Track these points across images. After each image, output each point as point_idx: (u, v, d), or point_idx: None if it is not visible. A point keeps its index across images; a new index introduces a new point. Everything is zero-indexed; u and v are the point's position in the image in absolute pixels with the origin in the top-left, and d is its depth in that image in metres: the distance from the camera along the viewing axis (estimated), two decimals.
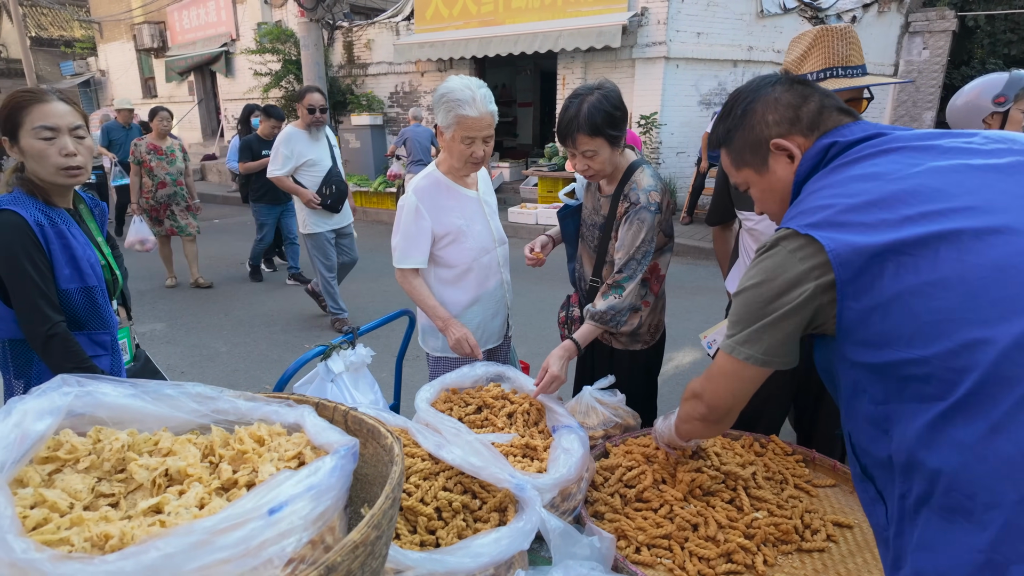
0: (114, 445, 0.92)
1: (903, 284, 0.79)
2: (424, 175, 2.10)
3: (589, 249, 2.10)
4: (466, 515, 1.26)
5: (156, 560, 0.63)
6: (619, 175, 1.97)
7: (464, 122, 1.91)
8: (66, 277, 1.61)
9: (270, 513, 0.71)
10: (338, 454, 0.81)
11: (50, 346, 1.57)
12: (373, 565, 0.75)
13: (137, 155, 5.73)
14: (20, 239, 1.53)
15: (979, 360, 0.73)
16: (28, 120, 1.55)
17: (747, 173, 1.12)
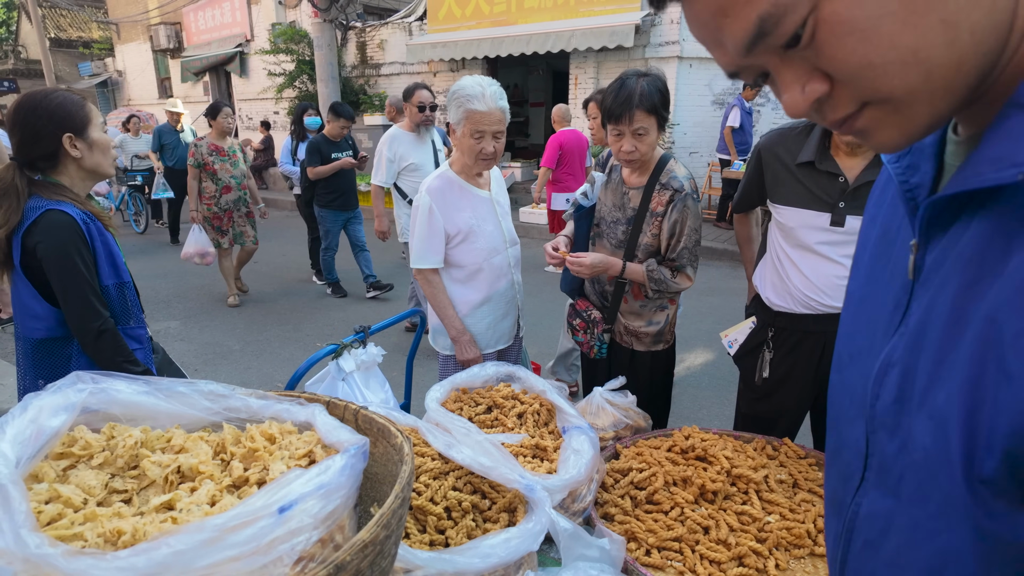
0: (127, 442, 0.93)
1: None
2: (437, 175, 2.12)
3: (609, 246, 2.10)
4: (475, 515, 1.25)
5: (167, 557, 0.64)
6: (652, 165, 2.01)
7: (473, 116, 1.94)
8: (106, 274, 1.70)
9: (280, 511, 0.71)
10: (348, 453, 0.81)
11: (102, 341, 1.63)
12: (382, 564, 0.75)
13: (198, 157, 5.15)
14: (73, 237, 1.60)
15: None
16: (94, 115, 1.68)
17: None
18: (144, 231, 9.42)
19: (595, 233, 2.17)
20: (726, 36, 0.47)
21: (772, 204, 1.88)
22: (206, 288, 6.11)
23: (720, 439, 1.63)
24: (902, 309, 0.54)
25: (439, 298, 2.08)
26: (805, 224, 1.76)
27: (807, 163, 1.74)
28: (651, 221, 2.01)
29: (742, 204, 2.10)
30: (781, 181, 1.81)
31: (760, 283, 1.96)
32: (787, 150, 1.80)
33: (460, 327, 2.09)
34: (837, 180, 1.71)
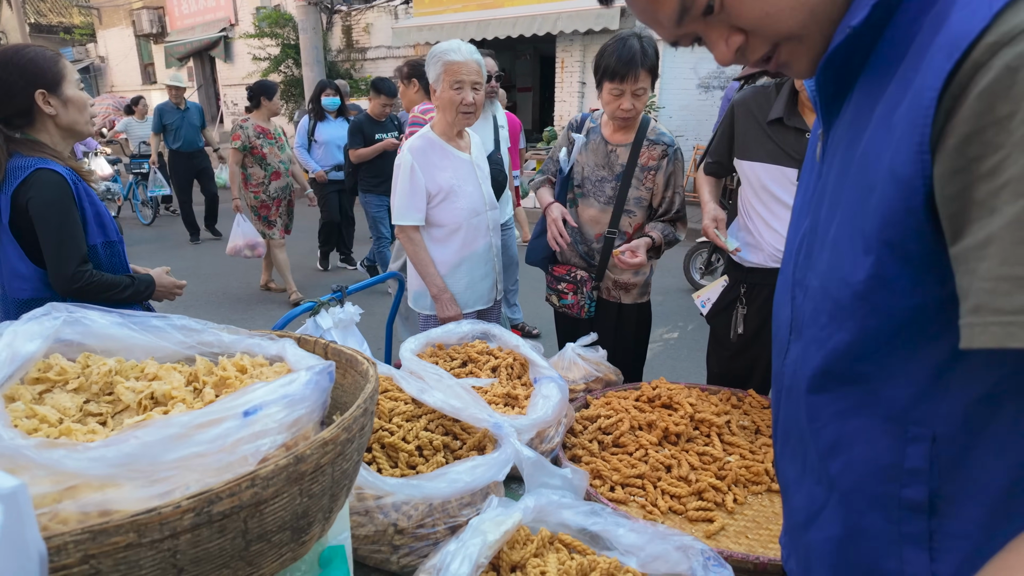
0: (102, 369, 0.96)
1: None
2: (419, 135, 2.18)
3: (598, 204, 2.16)
4: (446, 454, 1.30)
5: (136, 448, 0.68)
6: (637, 123, 2.11)
7: (451, 67, 2.01)
8: (93, 232, 1.70)
9: (245, 415, 0.75)
10: (313, 369, 0.85)
11: (87, 291, 1.65)
12: (344, 467, 0.79)
13: (244, 140, 4.62)
14: (64, 195, 1.61)
15: None
16: (69, 71, 1.64)
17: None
18: (151, 223, 8.88)
19: (577, 194, 2.22)
20: (660, 15, 0.61)
21: (741, 162, 1.94)
22: (189, 270, 6.11)
23: (686, 389, 1.68)
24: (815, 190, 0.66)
25: (420, 256, 2.14)
26: (774, 179, 1.82)
27: (776, 120, 1.80)
28: (642, 176, 2.10)
29: (712, 166, 2.15)
30: (752, 137, 1.87)
31: (736, 242, 2.02)
32: (759, 107, 1.86)
33: (441, 285, 2.15)
34: (804, 136, 1.77)
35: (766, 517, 1.27)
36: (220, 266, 6.29)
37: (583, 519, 1.09)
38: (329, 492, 0.77)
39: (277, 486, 0.67)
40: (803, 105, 1.79)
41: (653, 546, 1.02)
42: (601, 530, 1.08)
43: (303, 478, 0.71)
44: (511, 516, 1.02)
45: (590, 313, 2.24)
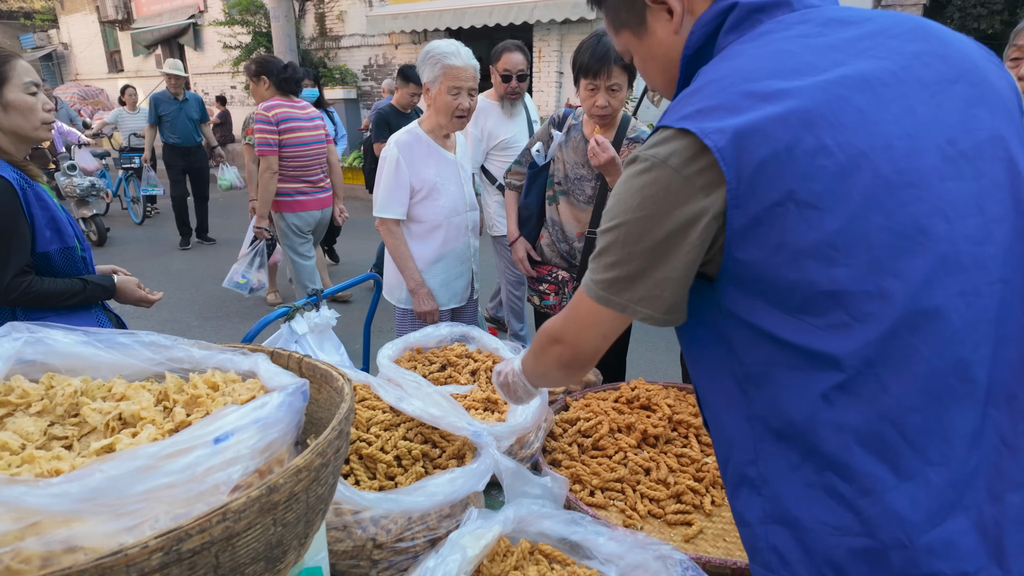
0: (66, 390, 0.93)
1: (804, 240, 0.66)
2: (406, 130, 2.16)
3: (578, 204, 2.15)
4: (425, 463, 1.29)
5: (101, 483, 0.65)
6: (617, 121, 2.09)
7: (451, 72, 1.99)
8: (47, 239, 1.60)
9: (216, 442, 0.73)
10: (286, 391, 0.83)
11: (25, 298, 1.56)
12: (319, 491, 0.78)
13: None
14: (10, 205, 1.50)
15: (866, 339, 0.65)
16: (15, 75, 1.54)
17: (625, 36, 0.90)
18: (143, 222, 8.35)
19: (558, 191, 2.21)
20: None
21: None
22: (182, 274, 5.96)
23: (664, 389, 1.70)
24: None
25: (400, 249, 2.14)
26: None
27: None
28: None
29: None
30: None
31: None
32: None
33: (419, 279, 2.15)
34: None
35: None
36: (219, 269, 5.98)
37: (563, 528, 1.10)
38: (304, 519, 0.76)
39: (249, 518, 0.66)
40: None
41: (633, 555, 1.02)
42: (581, 539, 1.08)
43: (276, 507, 0.70)
44: (491, 529, 1.02)
45: None
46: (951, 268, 0.65)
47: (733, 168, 0.67)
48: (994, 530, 0.66)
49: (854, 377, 0.67)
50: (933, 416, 0.66)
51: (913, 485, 0.66)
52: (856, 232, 0.65)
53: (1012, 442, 0.67)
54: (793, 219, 0.65)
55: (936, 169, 0.66)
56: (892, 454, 0.66)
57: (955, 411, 0.66)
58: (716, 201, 0.69)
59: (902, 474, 0.66)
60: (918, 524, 0.65)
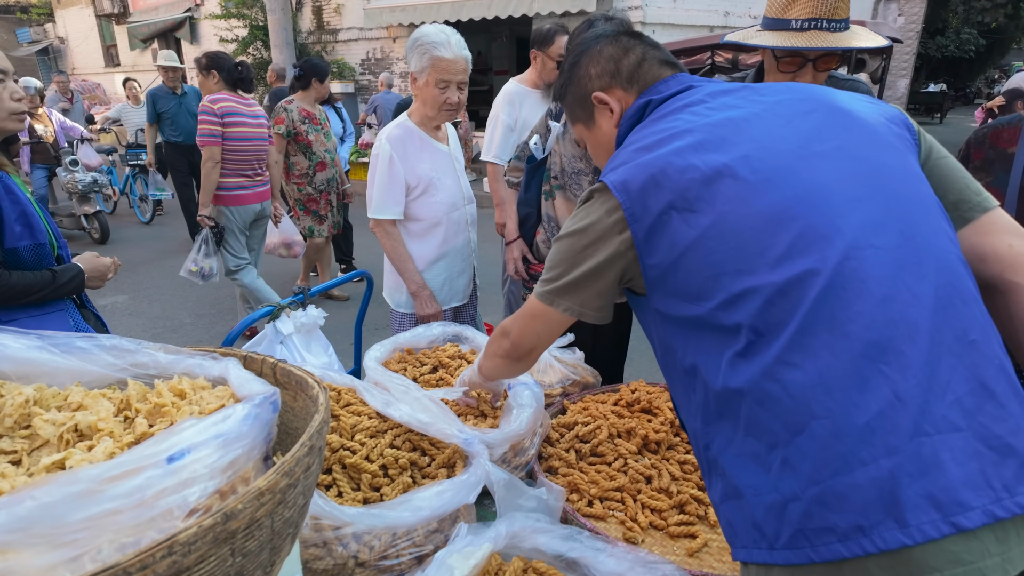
0: (17, 399, 0.85)
1: (686, 238, 0.80)
2: (396, 124, 2.05)
3: (573, 198, 2.06)
4: (414, 472, 1.22)
5: (33, 511, 0.58)
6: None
7: (439, 64, 1.87)
8: (16, 235, 1.52)
9: (169, 461, 0.65)
10: (252, 402, 0.76)
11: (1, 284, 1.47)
12: (286, 515, 0.70)
13: (288, 125, 4.06)
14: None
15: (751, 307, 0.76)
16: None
17: (580, 128, 1.12)
18: (151, 221, 7.77)
19: (554, 186, 2.12)
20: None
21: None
22: (155, 261, 5.88)
23: (666, 392, 1.62)
24: None
25: (398, 251, 2.03)
26: None
27: None
28: None
29: None
30: None
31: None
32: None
33: (420, 281, 2.04)
34: None
35: None
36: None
37: (560, 544, 1.02)
38: (269, 546, 0.68)
39: (201, 550, 0.58)
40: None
41: (635, 574, 0.95)
42: (579, 556, 1.01)
43: (235, 536, 0.62)
44: (480, 547, 0.95)
45: None
46: (811, 238, 0.75)
47: (623, 194, 0.86)
48: (889, 483, 0.67)
49: (748, 344, 0.76)
50: (812, 371, 0.71)
51: (803, 438, 0.71)
52: (725, 224, 0.78)
53: (903, 396, 0.69)
54: (676, 223, 0.81)
55: (790, 166, 0.79)
56: (781, 410, 0.73)
57: (835, 366, 0.71)
58: (620, 218, 0.87)
59: (792, 428, 0.72)
60: (807, 476, 0.70)
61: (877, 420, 0.68)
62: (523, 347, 1.06)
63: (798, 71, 1.59)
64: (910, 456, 0.67)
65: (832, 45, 1.51)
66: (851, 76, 1.77)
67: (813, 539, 0.69)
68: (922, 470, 0.66)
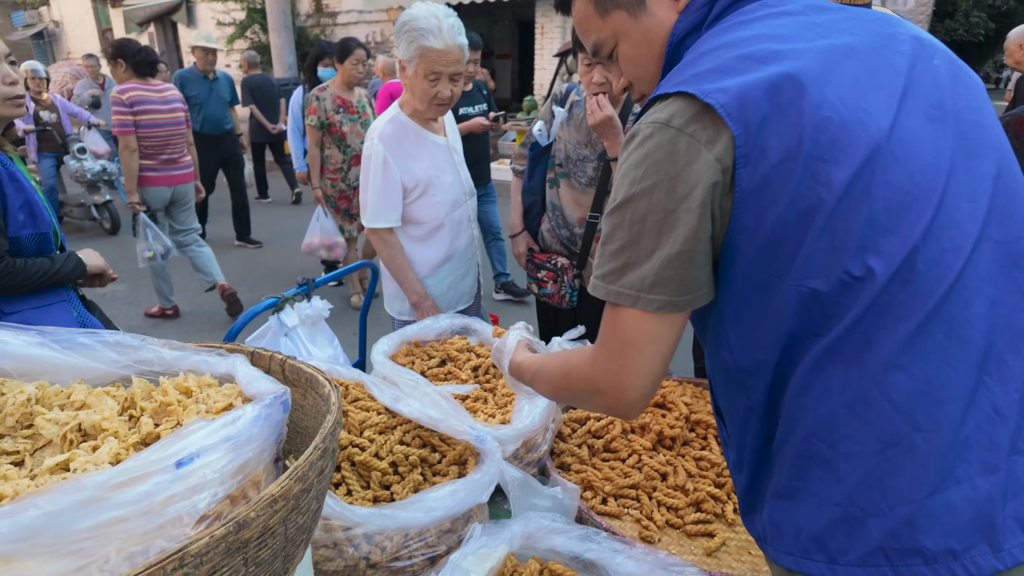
0: (18, 398, 0.82)
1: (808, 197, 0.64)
2: (388, 119, 1.86)
3: (579, 186, 2.01)
4: (424, 469, 1.19)
5: (37, 520, 0.55)
6: (621, 98, 1.93)
7: (428, 55, 1.69)
8: (19, 223, 1.49)
9: (178, 466, 0.62)
10: (262, 402, 0.73)
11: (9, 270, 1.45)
12: (299, 521, 0.67)
13: (321, 115, 3.68)
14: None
15: (861, 297, 0.63)
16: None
17: (618, 17, 0.83)
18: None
19: (559, 174, 2.08)
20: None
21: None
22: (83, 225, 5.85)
23: (680, 386, 1.59)
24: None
25: (397, 260, 1.88)
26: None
27: None
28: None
29: None
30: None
31: None
32: None
33: (421, 291, 1.90)
34: None
35: None
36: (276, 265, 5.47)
37: (576, 545, 1.00)
38: (282, 554, 0.65)
39: (214, 561, 0.56)
40: None
41: None
42: (596, 558, 0.98)
43: (247, 546, 0.59)
44: (496, 549, 0.92)
45: (572, 303, 2.12)
46: (943, 223, 0.64)
47: (740, 124, 0.65)
48: (986, 504, 0.61)
49: (844, 339, 0.65)
50: (921, 377, 0.63)
51: (898, 451, 0.63)
52: (859, 187, 0.63)
53: (1004, 411, 0.63)
54: (800, 174, 0.64)
55: (922, 129, 0.66)
56: (877, 417, 0.64)
57: (947, 374, 0.63)
58: (724, 156, 0.66)
59: (886, 439, 0.64)
60: (899, 492, 0.63)
61: (976, 435, 0.62)
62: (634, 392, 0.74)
63: None
64: (1007, 475, 0.62)
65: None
66: None
67: (895, 560, 0.63)
68: (1016, 490, 0.62)
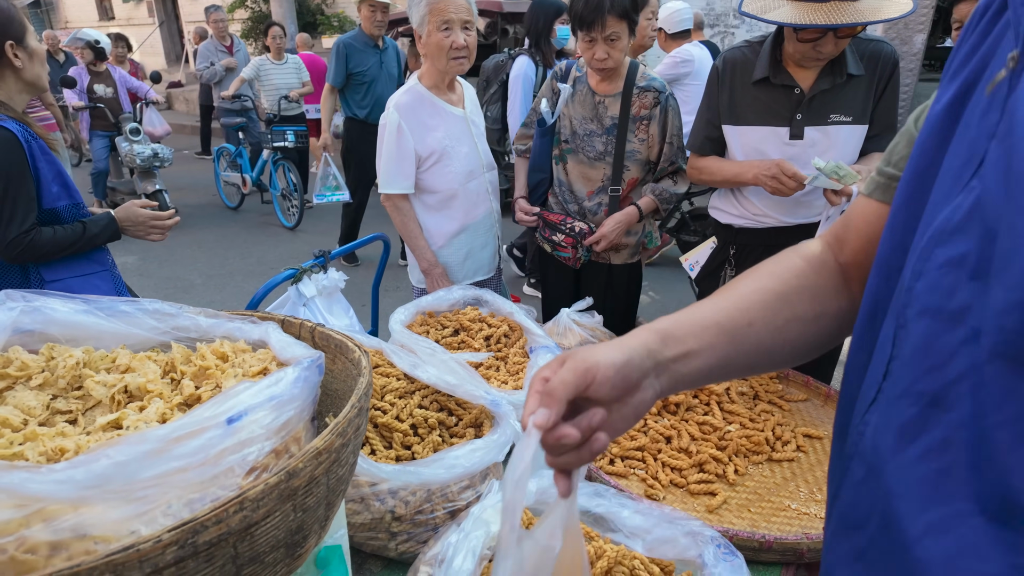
0: (68, 362, 0.88)
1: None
2: (406, 89, 1.96)
3: (587, 160, 2.05)
4: (442, 431, 1.26)
5: (107, 468, 0.61)
6: (624, 71, 1.97)
7: (436, 6, 1.80)
8: (53, 195, 1.57)
9: (228, 422, 0.68)
10: (301, 365, 0.78)
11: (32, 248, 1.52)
12: (339, 472, 0.73)
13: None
14: (12, 156, 1.47)
15: None
16: (26, 23, 1.54)
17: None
18: (297, 224, 5.55)
19: (565, 150, 2.11)
20: None
21: (731, 127, 1.80)
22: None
23: None
24: (978, 157, 0.43)
25: (409, 227, 1.97)
26: (766, 140, 1.72)
27: (762, 80, 1.70)
28: (634, 127, 1.98)
29: (709, 143, 1.88)
30: (738, 100, 1.75)
31: (718, 212, 1.94)
32: (744, 68, 1.74)
33: (432, 259, 1.99)
34: (793, 92, 1.68)
35: (767, 488, 1.26)
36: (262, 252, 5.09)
37: (587, 501, 1.06)
38: (325, 501, 0.72)
39: (268, 506, 0.62)
40: (787, 60, 1.69)
41: (660, 530, 0.99)
42: (605, 512, 1.05)
43: (296, 494, 0.65)
44: None
45: (584, 263, 2.16)
46: None
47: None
48: None
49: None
50: None
51: None
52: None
53: None
54: None
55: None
56: None
57: None
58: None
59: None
60: None
61: None
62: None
63: (820, 39, 1.55)
64: None
65: (851, 20, 1.47)
66: (875, 36, 1.73)
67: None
68: None
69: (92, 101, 5.37)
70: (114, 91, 5.49)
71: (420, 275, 2.09)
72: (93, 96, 5.40)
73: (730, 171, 1.80)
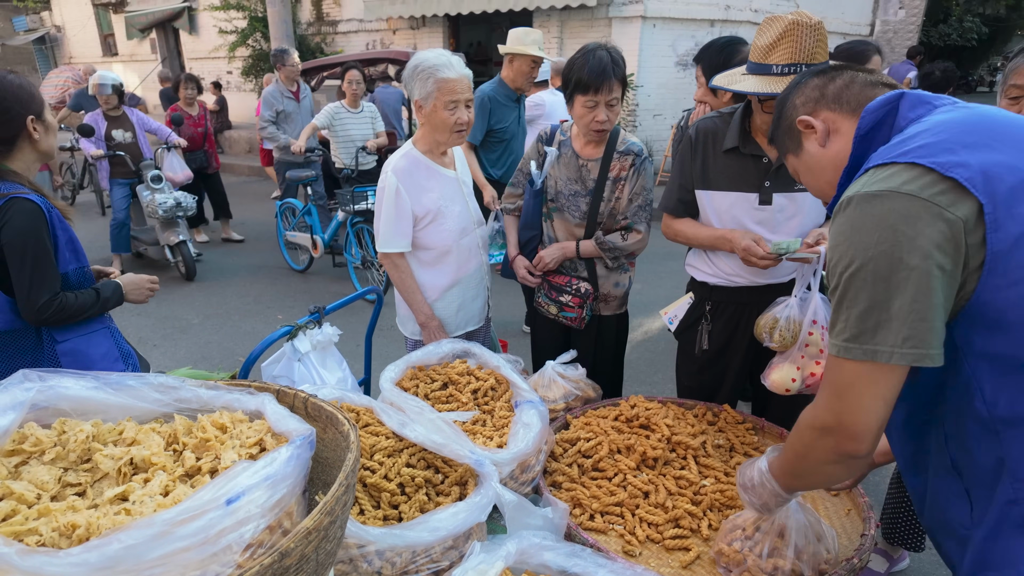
0: (79, 436, 0.95)
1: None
2: (402, 154, 2.07)
3: (572, 220, 2.15)
4: (428, 489, 1.32)
5: (119, 551, 0.68)
6: (606, 136, 2.09)
7: (445, 86, 1.90)
8: (66, 259, 1.68)
9: (228, 503, 0.75)
10: (294, 444, 0.85)
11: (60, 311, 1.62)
12: (327, 547, 0.80)
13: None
14: (38, 225, 1.58)
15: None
16: (44, 100, 1.65)
17: (790, 160, 1.16)
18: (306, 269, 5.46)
19: (552, 208, 2.21)
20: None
21: (702, 192, 1.89)
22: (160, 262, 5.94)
23: (664, 407, 1.72)
24: None
25: (407, 283, 2.06)
26: (736, 205, 1.83)
27: (732, 148, 1.81)
28: (612, 188, 2.10)
29: (682, 206, 1.96)
30: (710, 167, 1.86)
31: (693, 270, 2.04)
32: (715, 138, 1.85)
33: (429, 312, 2.08)
34: (761, 161, 1.79)
35: None
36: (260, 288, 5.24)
37: (564, 561, 1.12)
38: (315, 574, 0.78)
39: None
40: (756, 131, 1.80)
41: None
42: (582, 572, 1.11)
43: (287, 571, 0.72)
44: (494, 564, 1.05)
45: (587, 321, 2.23)
46: None
47: (986, 195, 0.75)
48: None
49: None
50: None
51: None
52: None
53: None
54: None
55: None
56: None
57: None
58: (969, 217, 0.76)
59: None
60: None
61: None
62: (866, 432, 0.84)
63: None
64: None
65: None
66: None
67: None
68: None
69: (111, 148, 5.09)
70: (133, 135, 5.20)
71: (412, 327, 2.16)
72: (111, 143, 5.11)
73: (707, 239, 1.89)
